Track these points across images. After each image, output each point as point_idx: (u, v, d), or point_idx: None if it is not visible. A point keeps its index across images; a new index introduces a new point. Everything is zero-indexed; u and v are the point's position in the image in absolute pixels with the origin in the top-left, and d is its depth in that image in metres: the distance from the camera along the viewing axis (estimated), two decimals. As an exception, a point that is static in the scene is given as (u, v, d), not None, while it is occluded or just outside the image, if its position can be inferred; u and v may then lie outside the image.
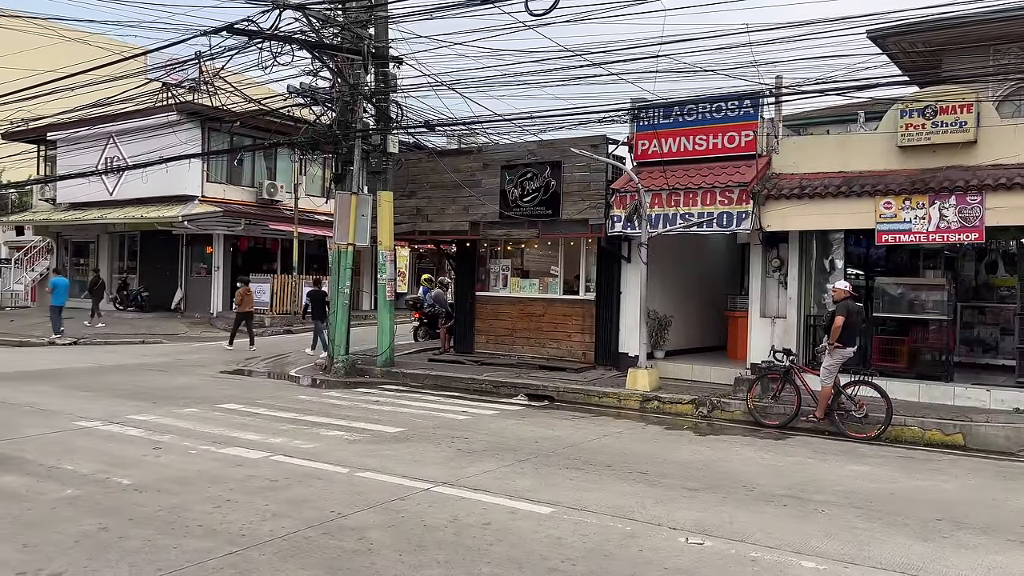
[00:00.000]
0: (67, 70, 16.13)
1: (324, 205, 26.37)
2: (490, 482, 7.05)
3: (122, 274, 28.24)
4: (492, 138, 16.22)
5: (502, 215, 14.47)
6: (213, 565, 4.93)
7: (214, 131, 24.36)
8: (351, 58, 13.89)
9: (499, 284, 15.85)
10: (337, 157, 15.03)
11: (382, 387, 13.36)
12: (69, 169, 25.13)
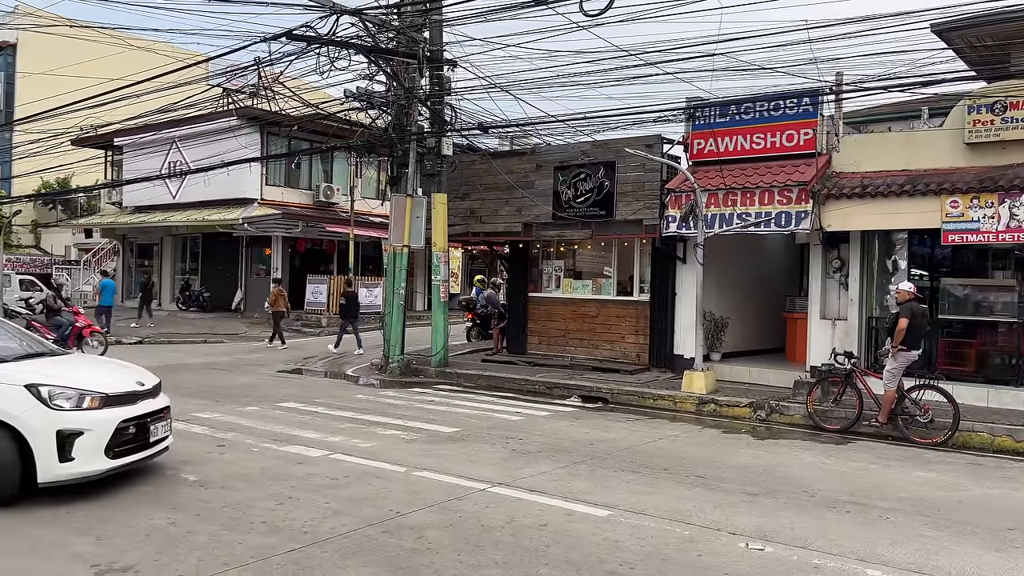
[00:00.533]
0: (133, 78, 16.67)
1: (379, 207, 26.75)
2: (546, 483, 7.05)
3: (184, 275, 29.06)
4: (545, 139, 16.24)
5: (555, 216, 14.47)
6: (276, 561, 5.04)
7: (273, 135, 24.90)
8: (406, 62, 14.04)
9: (552, 285, 15.85)
10: (392, 160, 15.21)
11: (436, 387, 13.48)
12: (134, 173, 25.98)
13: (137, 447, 6.54)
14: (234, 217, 24.35)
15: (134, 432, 6.47)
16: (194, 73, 17.08)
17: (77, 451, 6.02)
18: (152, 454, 6.82)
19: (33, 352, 7.17)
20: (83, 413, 6.13)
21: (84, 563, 4.96)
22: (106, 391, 6.36)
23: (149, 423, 6.66)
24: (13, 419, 5.89)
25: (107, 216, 30.53)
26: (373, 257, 28.02)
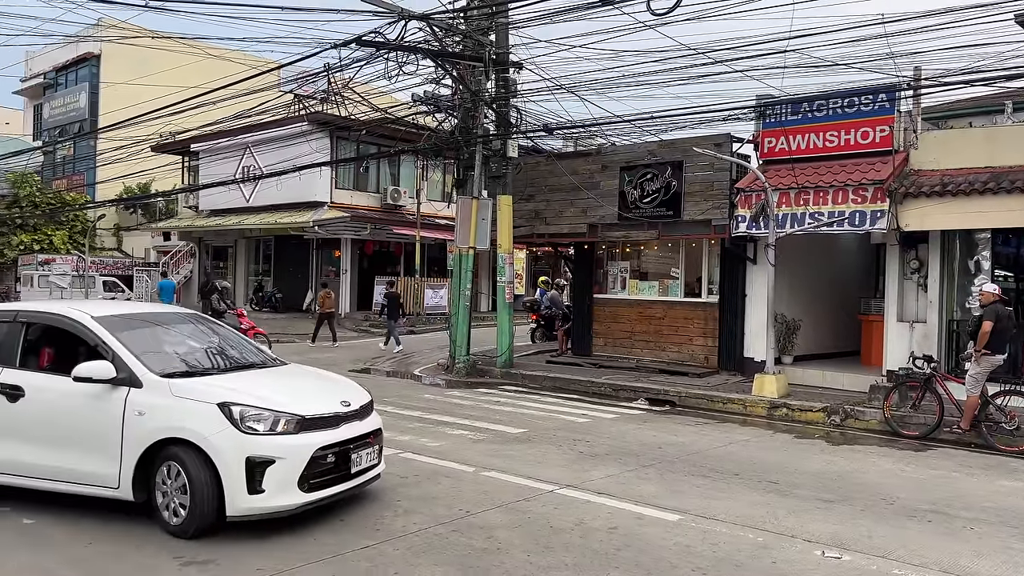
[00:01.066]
0: (210, 86, 17.24)
1: (444, 209, 27.04)
2: (614, 486, 7.02)
3: (258, 277, 29.90)
4: (610, 140, 16.16)
5: (621, 217, 14.37)
6: (350, 557, 5.15)
7: (342, 140, 25.41)
8: (472, 65, 14.16)
9: (617, 286, 15.75)
10: (458, 162, 15.35)
11: (502, 388, 13.55)
12: (210, 178, 26.86)
13: (336, 478, 5.77)
14: (305, 220, 24.94)
15: (333, 461, 5.71)
16: (267, 80, 17.55)
17: (267, 482, 5.36)
18: (354, 486, 6.01)
19: (243, 363, 6.51)
20: (276, 438, 5.45)
21: (169, 553, 5.15)
22: (302, 412, 5.64)
23: (351, 450, 5.86)
24: (203, 441, 5.35)
25: (184, 219, 31.65)
26: (438, 259, 28.34)
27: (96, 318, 6.03)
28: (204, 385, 5.73)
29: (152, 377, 5.61)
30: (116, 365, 5.63)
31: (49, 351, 6.32)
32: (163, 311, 7.27)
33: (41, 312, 6.54)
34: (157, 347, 6.22)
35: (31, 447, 5.80)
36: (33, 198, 32.87)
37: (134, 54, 31.72)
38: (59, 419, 5.80)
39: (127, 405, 5.55)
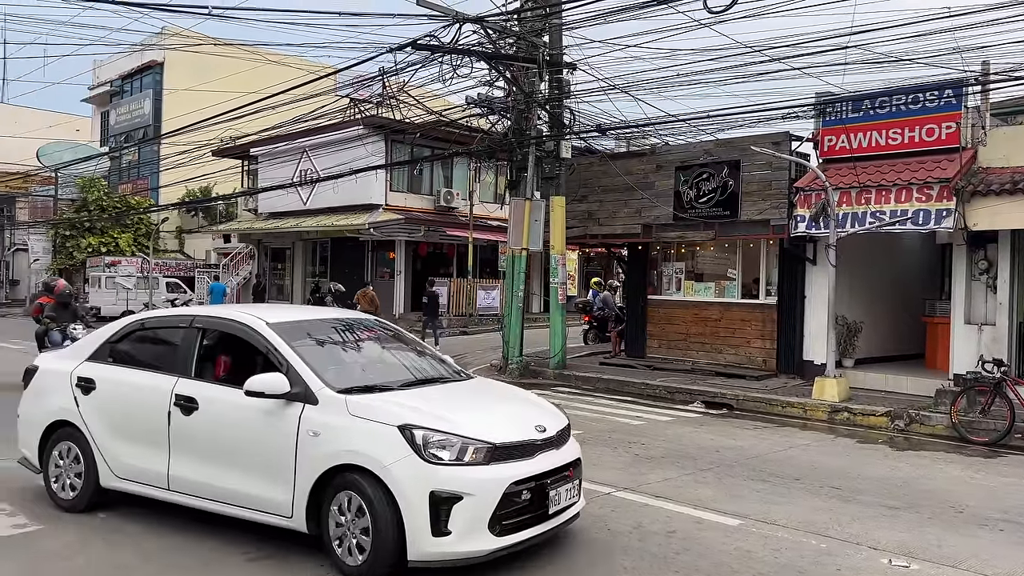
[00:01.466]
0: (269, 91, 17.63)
1: (496, 211, 27.13)
2: (672, 490, 6.96)
3: (314, 278, 30.42)
4: (665, 139, 16.01)
5: (676, 217, 14.23)
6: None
7: (397, 143, 25.71)
8: (526, 66, 14.19)
9: (672, 288, 15.60)
10: (511, 164, 15.40)
11: (555, 389, 13.53)
12: (268, 181, 27.46)
13: (532, 518, 4.84)
14: (360, 222, 25.31)
15: (528, 498, 4.79)
16: (324, 85, 17.88)
17: (454, 522, 4.53)
18: (552, 528, 5.07)
19: (424, 377, 5.74)
20: (464, 469, 4.62)
21: (237, 548, 5.28)
22: (493, 439, 4.76)
23: (548, 485, 4.91)
24: (383, 470, 4.61)
25: (244, 222, 32.41)
26: (490, 260, 28.46)
27: (271, 324, 5.48)
28: (383, 403, 4.99)
29: (328, 393, 4.97)
30: (290, 378, 5.04)
31: (225, 359, 5.90)
32: (335, 316, 6.49)
33: (216, 317, 5.98)
34: (333, 358, 5.64)
35: (202, 465, 5.35)
36: (100, 202, 34.04)
37: (196, 61, 32.69)
38: (230, 436, 5.30)
39: (301, 424, 4.94)
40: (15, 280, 42.78)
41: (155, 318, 6.42)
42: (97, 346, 6.24)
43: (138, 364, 5.97)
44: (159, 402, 5.54)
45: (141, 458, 5.65)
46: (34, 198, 41.36)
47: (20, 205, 42.88)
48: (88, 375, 6.03)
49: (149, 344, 6.16)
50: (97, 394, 5.94)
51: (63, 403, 6.06)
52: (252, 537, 5.46)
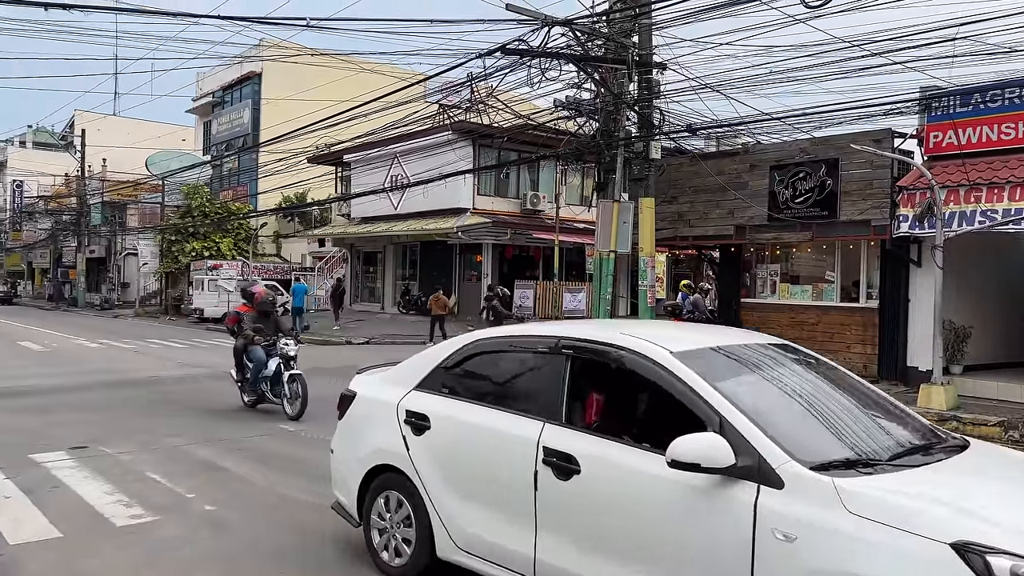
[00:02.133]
0: (361, 99, 18.13)
1: (583, 213, 27.09)
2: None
3: (404, 280, 31.08)
4: (758, 138, 15.64)
5: (770, 217, 13.88)
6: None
7: (484, 147, 26.00)
8: (615, 68, 14.12)
9: (766, 290, 15.21)
10: (599, 166, 15.34)
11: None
12: (361, 187, 28.21)
13: None
14: (449, 226, 25.70)
15: None
16: (414, 92, 18.27)
17: None
18: None
19: (911, 443, 3.74)
20: None
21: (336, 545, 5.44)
22: None
23: None
24: None
25: (337, 227, 33.38)
26: (576, 262, 28.39)
27: (678, 354, 3.77)
28: (908, 497, 3.04)
29: (797, 470, 3.17)
30: (731, 441, 3.28)
31: (597, 398, 4.36)
32: (747, 340, 4.51)
33: (591, 341, 4.20)
34: (779, 408, 3.75)
35: (588, 554, 3.76)
36: (203, 208, 35.68)
37: (292, 71, 33.86)
38: (635, 521, 3.60)
39: (758, 517, 3.16)
40: (126, 283, 45.32)
41: (503, 338, 4.86)
42: (428, 371, 4.89)
43: (482, 398, 4.55)
44: (520, 456, 4.05)
45: (493, 529, 4.20)
46: (143, 205, 43.71)
47: (131, 212, 45.42)
48: (420, 409, 4.68)
49: (496, 372, 4.69)
50: (432, 435, 4.56)
51: (389, 443, 4.77)
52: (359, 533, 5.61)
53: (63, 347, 20.72)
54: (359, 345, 21.69)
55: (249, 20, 11.76)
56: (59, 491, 6.67)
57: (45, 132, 69.09)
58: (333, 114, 18.90)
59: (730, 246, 15.56)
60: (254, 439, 8.95)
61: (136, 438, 8.91)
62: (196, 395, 12.42)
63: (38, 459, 7.78)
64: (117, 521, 5.88)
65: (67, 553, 5.21)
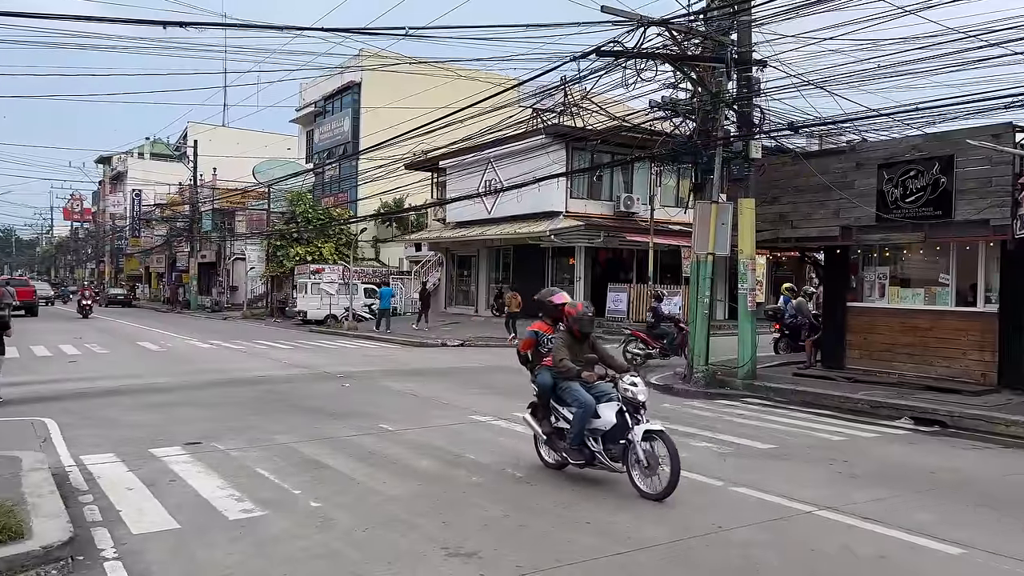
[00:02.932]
0: (457, 105, 18.40)
1: (678, 215, 26.63)
2: (881, 511, 6.45)
3: (497, 284, 31.31)
4: (864, 136, 14.98)
5: (879, 218, 13.24)
6: (603, 563, 5.19)
7: (577, 150, 25.93)
8: (713, 66, 13.82)
9: (874, 294, 14.52)
10: (696, 167, 15.02)
11: (744, 400, 13.03)
12: (456, 192, 28.62)
13: None
14: (541, 230, 25.74)
15: None
16: (508, 97, 18.41)
17: None
18: None
19: None
20: None
21: (436, 544, 5.52)
22: None
23: None
24: None
25: (433, 231, 33.98)
26: (672, 265, 27.94)
27: None
28: None
29: None
30: None
31: None
32: None
33: None
34: None
35: None
36: (307, 214, 37.00)
37: (390, 80, 34.71)
38: None
39: None
40: (234, 286, 47.47)
41: None
42: None
43: None
44: None
45: None
46: (250, 212, 45.68)
47: (239, 218, 47.57)
48: None
49: None
50: None
51: None
52: (453, 534, 5.69)
53: (177, 347, 21.87)
54: (455, 347, 21.98)
55: (350, 31, 12.12)
56: (176, 484, 7.03)
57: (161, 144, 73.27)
58: (429, 121, 19.26)
59: (835, 248, 14.94)
60: (355, 438, 9.20)
61: (245, 435, 9.31)
62: (300, 394, 12.88)
63: (157, 453, 8.24)
64: (229, 514, 6.16)
65: (184, 543, 5.49)
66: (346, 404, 11.80)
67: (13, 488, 6.12)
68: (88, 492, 6.75)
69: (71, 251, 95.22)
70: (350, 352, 21.12)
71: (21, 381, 13.95)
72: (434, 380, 14.86)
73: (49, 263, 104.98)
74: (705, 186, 14.66)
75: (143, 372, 15.76)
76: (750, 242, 14.30)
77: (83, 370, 16.10)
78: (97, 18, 10.30)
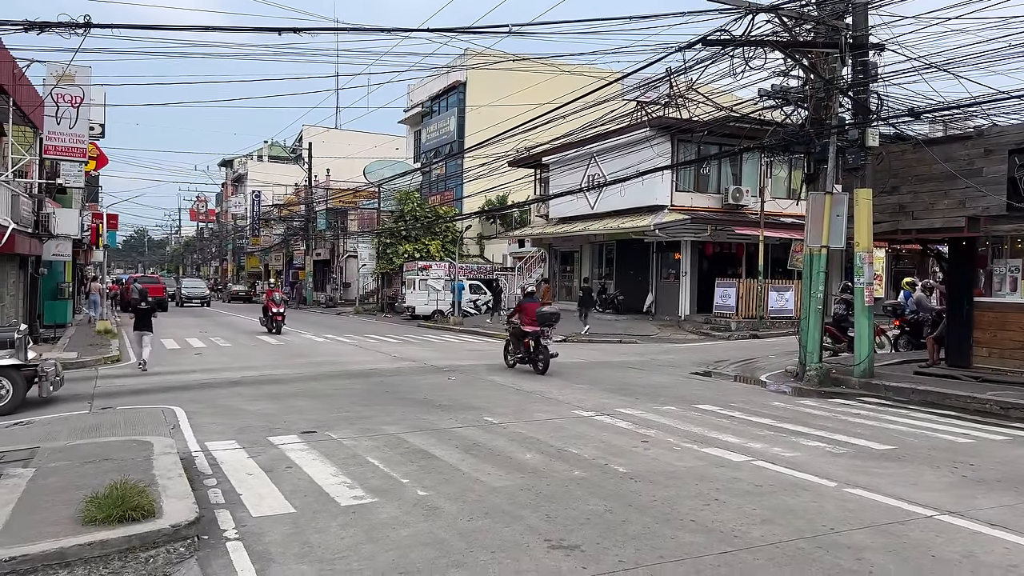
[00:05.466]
0: (560, 100, 18.40)
1: (789, 207, 25.74)
2: (1011, 518, 6.06)
3: (601, 279, 31.14)
4: (993, 120, 14.03)
5: (1010, 207, 12.40)
6: (709, 561, 5.10)
7: (683, 142, 25.45)
8: (826, 52, 13.27)
9: (1005, 288, 13.60)
10: (809, 156, 14.47)
11: (860, 399, 12.48)
12: (559, 188, 28.61)
13: None
14: (646, 224, 25.41)
15: None
16: (611, 90, 18.25)
17: None
18: None
19: None
20: None
21: (539, 536, 5.57)
22: None
23: None
24: None
25: (536, 227, 34.13)
26: (783, 259, 27.00)
27: None
28: None
29: None
30: None
31: None
32: None
33: None
34: None
35: None
36: (415, 212, 37.90)
37: (493, 78, 35.12)
38: None
39: None
40: (347, 283, 49.20)
41: None
42: None
43: None
44: None
45: None
46: (362, 211, 47.21)
47: (351, 217, 49.24)
48: None
49: None
50: None
51: None
52: (555, 527, 5.73)
53: (294, 341, 22.88)
54: (558, 343, 22.00)
55: (454, 31, 12.32)
56: (292, 471, 7.38)
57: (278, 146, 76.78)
58: (532, 117, 19.35)
59: (961, 240, 14.07)
60: (460, 430, 9.38)
61: (357, 425, 9.66)
62: (408, 387, 13.24)
63: (275, 441, 8.67)
64: (341, 501, 6.41)
65: (300, 527, 5.76)
66: (452, 397, 12.05)
67: (145, 471, 6.59)
68: (212, 476, 7.19)
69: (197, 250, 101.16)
70: (456, 346, 21.52)
71: (154, 372, 14.97)
72: (537, 375, 14.96)
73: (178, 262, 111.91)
74: (818, 176, 14.11)
75: (262, 364, 16.58)
76: (867, 234, 13.67)
77: (207, 362, 17.10)
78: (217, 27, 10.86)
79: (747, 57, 13.08)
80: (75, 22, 10.15)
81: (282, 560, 5.11)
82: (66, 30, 10.10)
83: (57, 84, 17.91)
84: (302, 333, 25.85)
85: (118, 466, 6.66)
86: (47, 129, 18.83)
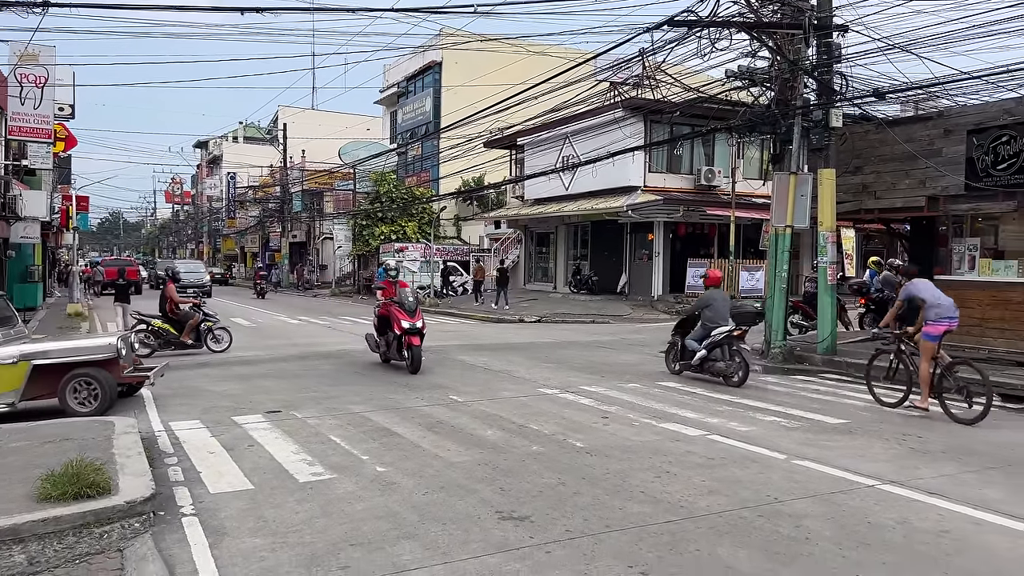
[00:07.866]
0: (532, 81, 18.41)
1: (761, 188, 25.96)
2: (948, 487, 6.28)
3: (575, 260, 31.30)
4: (955, 100, 14.25)
5: (968, 187, 12.63)
6: (653, 530, 5.26)
7: (655, 123, 25.54)
8: (791, 33, 13.40)
9: (963, 267, 13.87)
10: (775, 137, 14.63)
11: (822, 376, 12.74)
12: (534, 169, 28.66)
13: None
14: (619, 205, 25.55)
15: None
16: (582, 71, 18.28)
17: None
18: None
19: None
20: None
21: (491, 508, 5.71)
22: None
23: None
24: None
25: (512, 209, 34.18)
26: (755, 239, 27.27)
27: None
28: None
29: None
30: None
31: None
32: None
33: None
34: None
35: None
36: (390, 194, 37.77)
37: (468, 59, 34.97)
38: None
39: None
40: (323, 265, 49.01)
41: None
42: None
43: None
44: None
45: None
46: (337, 192, 46.96)
47: (327, 199, 48.96)
48: None
49: None
50: None
51: None
52: (508, 499, 5.86)
53: (267, 323, 22.84)
54: (532, 323, 22.18)
55: (420, 11, 12.30)
56: (254, 449, 7.47)
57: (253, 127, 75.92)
58: (506, 98, 19.35)
59: (922, 219, 14.35)
60: (425, 408, 9.49)
61: (323, 404, 9.74)
62: (377, 367, 13.32)
63: (239, 421, 8.74)
64: (300, 477, 6.51)
65: (256, 503, 5.86)
66: (421, 376, 12.15)
67: (105, 450, 6.65)
68: (173, 455, 7.26)
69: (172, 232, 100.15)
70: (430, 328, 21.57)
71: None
72: (508, 354, 15.10)
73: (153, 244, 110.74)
74: (784, 157, 14.29)
75: (233, 347, 16.56)
76: (830, 214, 13.87)
77: (179, 344, 17.04)
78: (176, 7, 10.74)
79: (714, 39, 13.19)
80: (33, 0, 10.04)
81: (236, 534, 5.21)
82: (24, 8, 9.99)
83: (19, 64, 17.65)
84: (275, 315, 25.79)
85: (78, 445, 6.70)
86: (11, 110, 18.57)
